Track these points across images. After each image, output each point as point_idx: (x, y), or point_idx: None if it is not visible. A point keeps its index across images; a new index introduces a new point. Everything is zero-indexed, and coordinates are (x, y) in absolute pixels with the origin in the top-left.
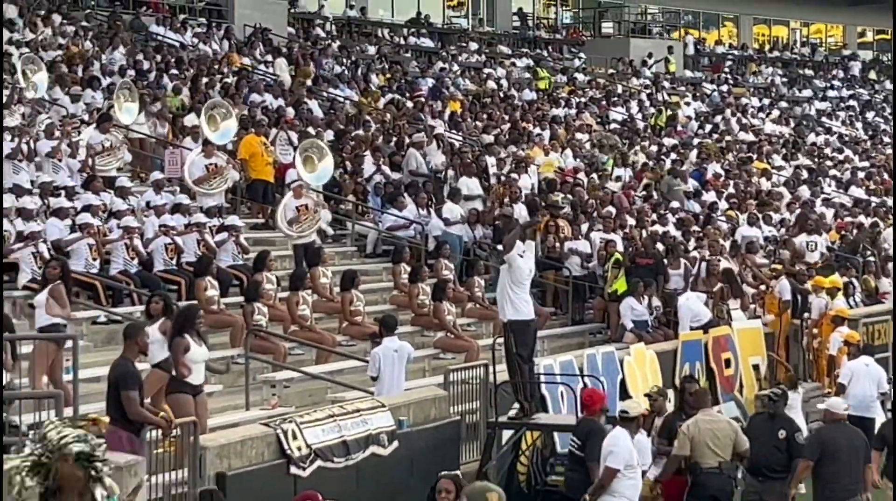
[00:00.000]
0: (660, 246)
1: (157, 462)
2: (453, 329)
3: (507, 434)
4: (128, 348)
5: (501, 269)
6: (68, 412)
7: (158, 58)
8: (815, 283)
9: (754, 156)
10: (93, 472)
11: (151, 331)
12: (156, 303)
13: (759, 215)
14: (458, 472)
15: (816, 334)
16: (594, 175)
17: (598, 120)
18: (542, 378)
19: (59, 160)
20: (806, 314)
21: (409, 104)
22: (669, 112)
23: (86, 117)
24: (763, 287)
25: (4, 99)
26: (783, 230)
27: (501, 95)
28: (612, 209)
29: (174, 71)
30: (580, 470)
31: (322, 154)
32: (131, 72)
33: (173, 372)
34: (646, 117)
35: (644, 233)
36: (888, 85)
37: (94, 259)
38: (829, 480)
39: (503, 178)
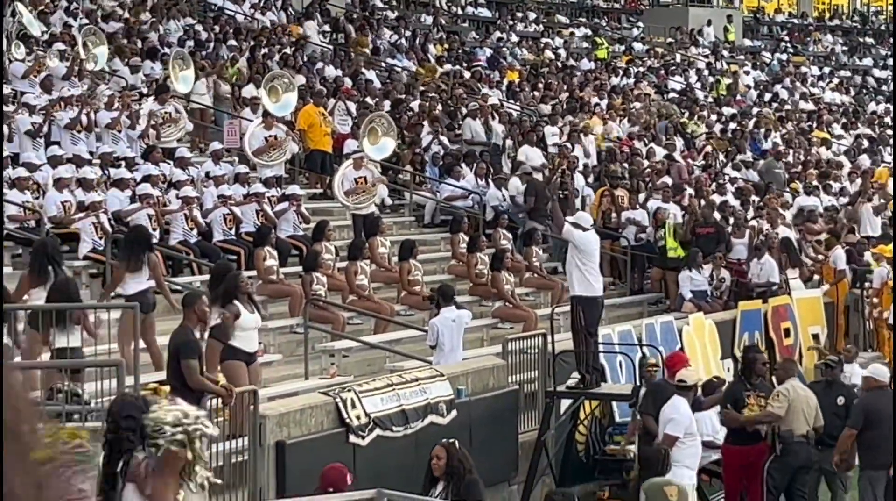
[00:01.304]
0: (718, 215)
1: (218, 431)
2: (511, 299)
3: (565, 404)
4: (187, 316)
5: (569, 245)
6: (130, 381)
7: (217, 28)
8: (878, 251)
9: (814, 125)
10: (196, 454)
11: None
12: (202, 304)
13: (819, 185)
14: (454, 440)
15: (877, 303)
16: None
17: (656, 89)
18: (601, 348)
19: (119, 132)
20: (867, 284)
21: (467, 74)
22: (729, 81)
23: (144, 89)
24: (820, 257)
25: (65, 70)
26: (844, 200)
27: (559, 64)
28: (668, 179)
29: (232, 42)
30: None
31: (388, 129)
32: (190, 43)
33: (228, 341)
34: (704, 87)
35: (703, 203)
36: None
37: (154, 229)
38: (870, 446)
39: (560, 148)
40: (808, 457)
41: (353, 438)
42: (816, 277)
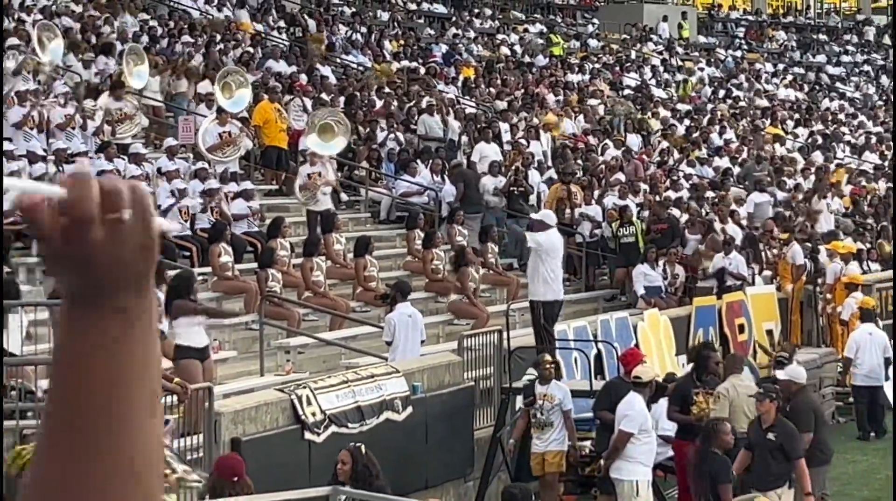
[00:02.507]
0: (675, 211)
1: (173, 428)
2: (472, 296)
3: (521, 400)
4: None
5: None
6: None
7: (172, 24)
8: (831, 248)
9: (768, 122)
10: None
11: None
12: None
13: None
14: (361, 445)
15: (830, 299)
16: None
17: (611, 86)
18: (557, 344)
19: (73, 129)
20: (820, 280)
21: (423, 70)
22: (694, 80)
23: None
24: (776, 252)
25: (16, 65)
26: (798, 196)
27: (515, 61)
28: (622, 176)
29: (187, 37)
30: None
31: (342, 128)
32: (145, 38)
33: (177, 341)
34: (659, 83)
35: (657, 199)
36: None
37: None
38: (811, 445)
39: (516, 145)
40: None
41: (308, 435)
42: (768, 272)
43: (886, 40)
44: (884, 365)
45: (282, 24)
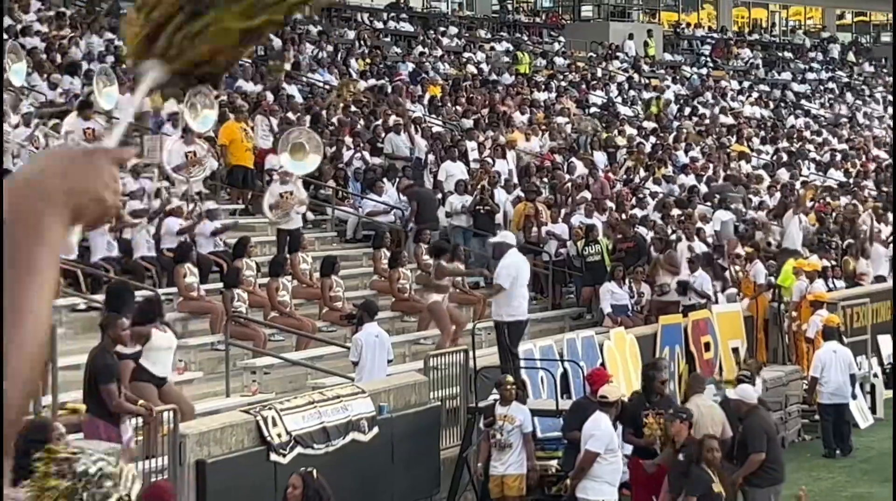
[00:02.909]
0: (643, 230)
1: (137, 450)
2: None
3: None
4: (104, 338)
5: (498, 269)
6: (47, 400)
7: None
8: (798, 266)
9: (734, 139)
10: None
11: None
12: (121, 326)
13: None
14: (313, 469)
15: (796, 317)
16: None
17: (577, 104)
18: (523, 364)
19: (37, 149)
20: (785, 298)
21: (389, 89)
22: (666, 97)
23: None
24: (739, 270)
25: None
26: (762, 213)
27: (481, 79)
28: (588, 194)
29: None
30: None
31: (314, 147)
32: (110, 57)
33: (141, 361)
34: (626, 101)
35: (623, 217)
36: (867, 67)
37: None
38: (762, 465)
39: (482, 163)
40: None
41: (273, 456)
42: (733, 290)
43: (851, 57)
44: (849, 382)
45: None
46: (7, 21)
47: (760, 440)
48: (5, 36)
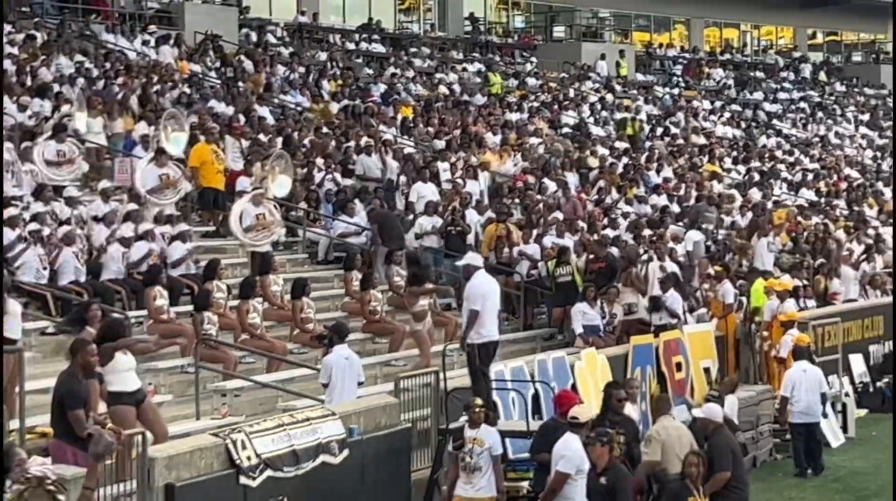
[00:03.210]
0: (615, 250)
1: (105, 474)
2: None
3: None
4: (73, 363)
5: (467, 290)
6: (14, 424)
7: (108, 65)
8: (768, 285)
9: (706, 159)
10: None
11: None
12: (94, 310)
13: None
14: (283, 498)
15: (767, 336)
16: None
17: (550, 124)
18: (494, 385)
19: (10, 174)
20: (756, 318)
21: (362, 110)
22: (643, 119)
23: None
24: (707, 289)
25: None
26: (734, 233)
27: (453, 100)
28: (560, 215)
29: (124, 79)
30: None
31: (288, 169)
32: (81, 80)
33: (109, 388)
34: (598, 121)
35: (595, 237)
36: (838, 87)
37: (45, 269)
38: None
39: (454, 184)
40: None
41: (243, 479)
42: (704, 310)
43: (822, 77)
44: (820, 402)
45: (219, 64)
46: None
47: (726, 458)
48: None
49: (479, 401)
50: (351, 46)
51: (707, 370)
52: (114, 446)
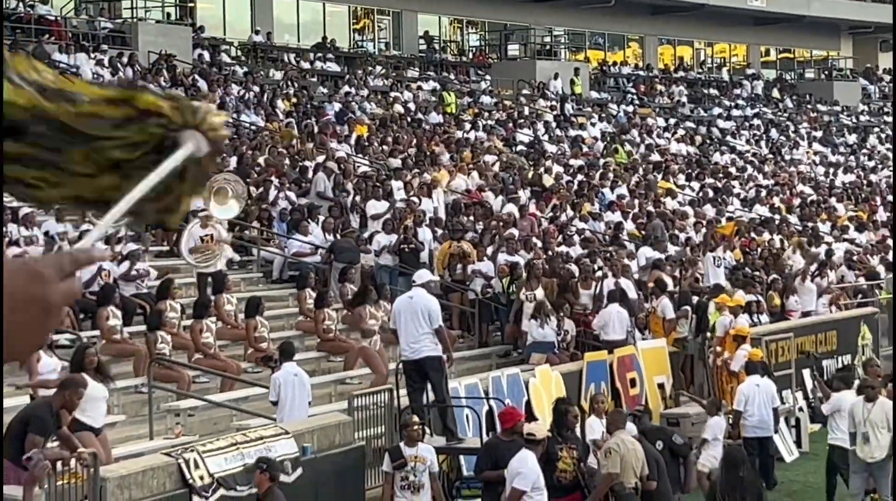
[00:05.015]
0: (572, 267)
1: (58, 495)
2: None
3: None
4: (57, 395)
5: (420, 310)
6: None
7: None
8: (720, 301)
9: (660, 176)
10: None
11: (53, 363)
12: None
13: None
14: None
15: (720, 352)
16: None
17: (505, 142)
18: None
19: None
20: (709, 333)
21: (316, 129)
22: (629, 148)
23: None
24: (648, 306)
25: None
26: (688, 250)
27: (408, 118)
28: (515, 231)
29: None
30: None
31: (238, 193)
32: None
33: (76, 415)
34: (552, 139)
35: (549, 254)
36: (789, 103)
37: None
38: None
39: (408, 202)
40: None
41: (196, 499)
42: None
43: (775, 93)
44: (773, 416)
45: (171, 84)
46: None
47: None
48: None
49: (416, 419)
50: (306, 66)
51: (661, 386)
52: (47, 468)
